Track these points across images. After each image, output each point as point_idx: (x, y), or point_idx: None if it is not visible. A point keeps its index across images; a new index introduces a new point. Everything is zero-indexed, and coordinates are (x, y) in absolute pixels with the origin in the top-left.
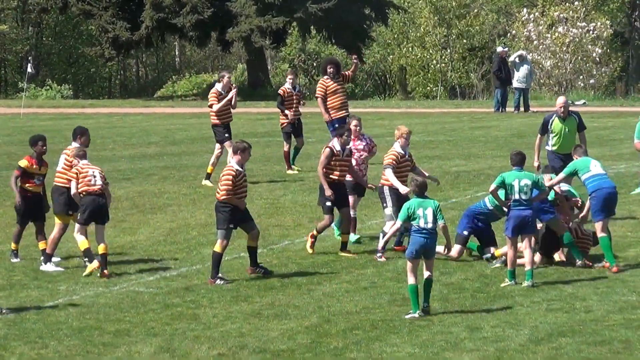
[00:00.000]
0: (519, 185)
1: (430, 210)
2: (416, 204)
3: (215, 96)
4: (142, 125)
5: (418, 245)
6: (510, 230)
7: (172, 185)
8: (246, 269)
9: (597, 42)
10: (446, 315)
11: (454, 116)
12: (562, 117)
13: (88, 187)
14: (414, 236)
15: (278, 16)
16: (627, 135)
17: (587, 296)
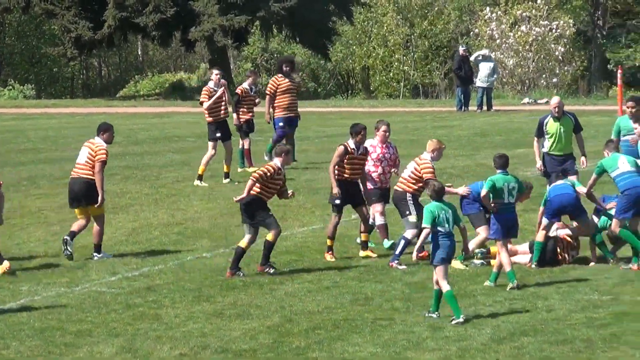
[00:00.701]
0: (507, 188)
1: (450, 213)
2: (439, 208)
3: (206, 93)
4: None
5: (448, 249)
6: (500, 233)
7: (134, 185)
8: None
9: (560, 40)
10: (408, 314)
11: (416, 115)
12: (557, 117)
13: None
14: (442, 241)
15: (240, 15)
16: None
17: (549, 295)
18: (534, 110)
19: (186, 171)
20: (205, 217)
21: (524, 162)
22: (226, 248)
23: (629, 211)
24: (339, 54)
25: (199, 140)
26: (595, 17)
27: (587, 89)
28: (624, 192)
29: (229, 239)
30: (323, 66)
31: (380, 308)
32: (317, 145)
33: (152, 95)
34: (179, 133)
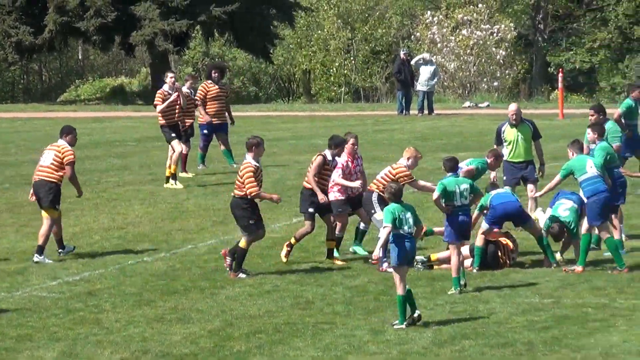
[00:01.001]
0: (459, 190)
1: (410, 215)
2: (398, 209)
3: (160, 97)
4: (45, 129)
5: (407, 251)
6: (454, 236)
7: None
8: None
9: (501, 44)
10: (349, 318)
11: (357, 119)
12: (514, 124)
13: None
14: (400, 242)
15: (181, 20)
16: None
17: (490, 299)
18: (475, 114)
19: (127, 175)
20: (146, 221)
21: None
22: (167, 252)
23: (601, 217)
24: (280, 58)
25: (139, 145)
26: (536, 21)
27: (528, 93)
28: (590, 197)
29: (170, 243)
30: (264, 70)
31: (321, 312)
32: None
33: (93, 100)
34: (119, 137)
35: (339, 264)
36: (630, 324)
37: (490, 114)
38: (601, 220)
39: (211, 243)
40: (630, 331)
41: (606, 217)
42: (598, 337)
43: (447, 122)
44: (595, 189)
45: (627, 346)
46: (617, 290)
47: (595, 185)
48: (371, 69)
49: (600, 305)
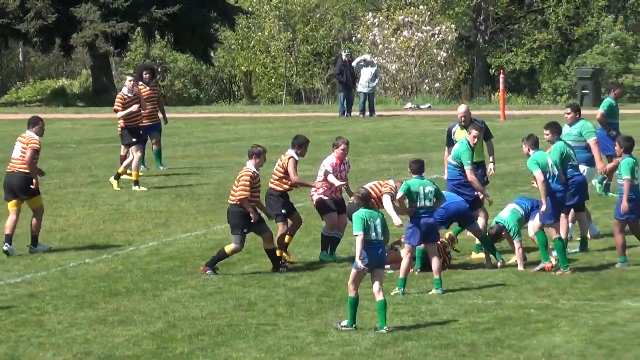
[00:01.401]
0: (423, 192)
1: (379, 221)
2: (367, 215)
3: (120, 101)
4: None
5: (371, 257)
6: (415, 238)
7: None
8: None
9: (442, 45)
10: (292, 319)
11: (299, 121)
12: (464, 125)
13: None
14: (368, 249)
15: (122, 21)
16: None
17: (432, 300)
18: (416, 115)
19: (68, 177)
20: (88, 223)
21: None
22: (109, 254)
23: (555, 216)
24: (221, 59)
25: (80, 147)
26: (477, 23)
27: (470, 94)
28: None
29: (111, 245)
30: (205, 72)
31: (264, 313)
32: (200, 151)
33: (34, 102)
34: (60, 139)
35: (288, 259)
36: (572, 324)
37: (432, 116)
38: (553, 220)
39: (153, 245)
40: (573, 332)
41: (558, 217)
42: (541, 338)
43: (389, 124)
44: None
45: (570, 347)
46: (560, 292)
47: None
48: (312, 71)
49: (542, 306)
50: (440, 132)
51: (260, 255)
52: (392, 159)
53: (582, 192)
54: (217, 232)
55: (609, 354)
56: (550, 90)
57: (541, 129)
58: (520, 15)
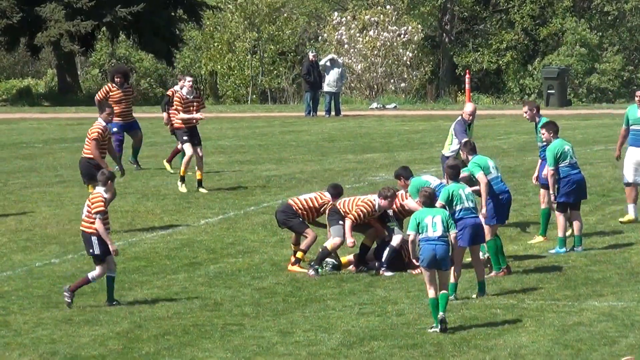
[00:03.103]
0: (464, 194)
1: (439, 218)
2: (424, 214)
3: (179, 102)
4: None
5: (428, 255)
6: (465, 240)
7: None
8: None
9: (408, 45)
10: (258, 319)
11: (264, 120)
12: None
13: None
14: (424, 246)
15: (87, 20)
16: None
17: (398, 300)
18: (382, 115)
19: (34, 177)
20: (54, 223)
21: (372, 168)
22: (75, 254)
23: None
24: (187, 59)
25: (46, 146)
26: (443, 23)
27: (436, 94)
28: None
29: (77, 245)
30: (171, 72)
31: (230, 313)
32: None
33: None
34: (26, 139)
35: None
36: (538, 324)
37: (398, 116)
38: (496, 221)
39: (119, 245)
40: (539, 332)
41: (502, 218)
42: (507, 338)
43: (355, 124)
44: (498, 189)
45: (536, 347)
46: (526, 292)
47: (498, 186)
48: (278, 70)
49: (508, 306)
50: (406, 131)
51: (225, 256)
52: (358, 158)
53: (578, 191)
54: (182, 231)
55: (575, 354)
56: (516, 90)
57: (507, 128)
58: (486, 15)
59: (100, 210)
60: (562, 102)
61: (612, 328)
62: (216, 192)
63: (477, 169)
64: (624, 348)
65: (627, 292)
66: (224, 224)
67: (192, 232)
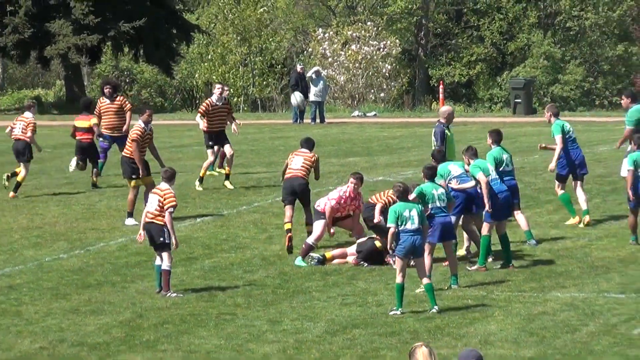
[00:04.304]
0: (436, 194)
1: (415, 212)
2: (402, 207)
3: (205, 107)
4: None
5: (408, 245)
6: (435, 237)
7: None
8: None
9: (387, 59)
10: (249, 309)
11: (255, 127)
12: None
13: None
14: (404, 237)
15: (92, 35)
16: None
17: (378, 291)
18: (363, 122)
19: (44, 179)
20: (62, 221)
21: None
22: (81, 249)
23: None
24: (184, 71)
25: (55, 151)
26: (419, 38)
27: (412, 103)
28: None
29: (83, 241)
30: (169, 83)
31: (223, 304)
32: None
33: (12, 110)
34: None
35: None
36: (506, 314)
37: (377, 123)
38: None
39: (122, 241)
40: (506, 320)
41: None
42: (477, 326)
43: (338, 130)
44: (497, 189)
45: (504, 334)
46: (495, 284)
47: (496, 187)
48: (267, 81)
49: (479, 297)
50: (385, 137)
51: (219, 251)
52: (341, 162)
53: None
54: (179, 229)
55: (539, 341)
56: (486, 99)
57: (477, 135)
58: (458, 31)
59: (173, 205)
60: (528, 111)
61: (574, 317)
62: (211, 193)
63: (477, 170)
64: (584, 335)
65: (588, 284)
66: (218, 222)
67: (189, 230)
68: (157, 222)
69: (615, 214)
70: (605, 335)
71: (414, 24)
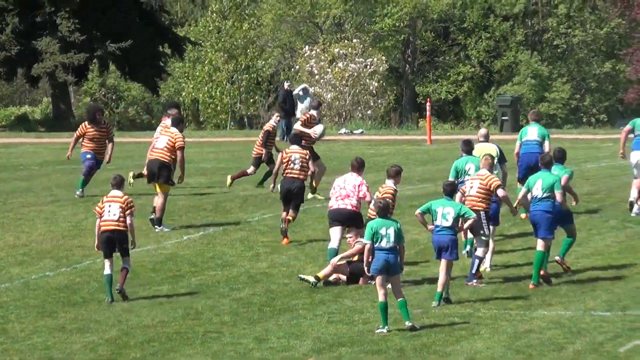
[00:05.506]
0: (442, 212)
1: (392, 230)
2: (379, 224)
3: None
4: None
5: (380, 263)
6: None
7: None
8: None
9: (374, 76)
10: (236, 327)
11: (243, 145)
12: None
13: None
14: (377, 254)
15: (80, 53)
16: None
17: (364, 309)
18: (350, 140)
19: (30, 197)
20: (49, 239)
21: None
22: (68, 267)
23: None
24: (171, 89)
25: (42, 169)
26: (406, 55)
27: (399, 121)
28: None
29: (70, 259)
30: (156, 100)
31: (210, 322)
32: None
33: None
34: (23, 162)
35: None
36: (492, 332)
37: (364, 140)
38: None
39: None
40: (493, 338)
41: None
42: (463, 344)
43: (325, 147)
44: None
45: (490, 352)
46: (481, 302)
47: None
48: (254, 98)
49: (465, 315)
50: (372, 155)
51: (206, 269)
52: (329, 179)
53: None
54: (166, 247)
55: (526, 359)
56: (474, 116)
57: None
58: (445, 48)
59: (134, 209)
60: (515, 128)
61: (560, 335)
62: (197, 211)
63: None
64: (571, 354)
65: (574, 302)
66: (204, 239)
67: (176, 247)
68: (120, 229)
69: (602, 231)
70: (592, 353)
71: (401, 42)
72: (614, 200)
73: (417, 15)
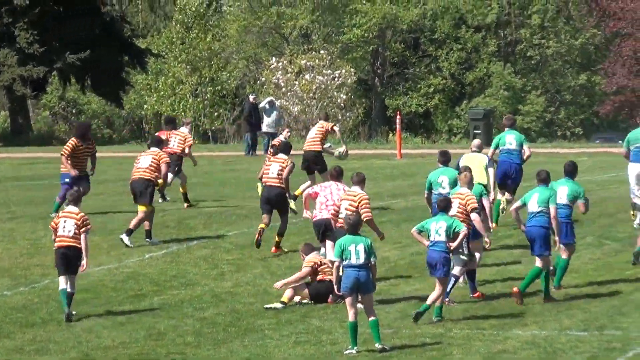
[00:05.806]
0: (435, 227)
1: (362, 247)
2: (348, 241)
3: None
4: None
5: (350, 281)
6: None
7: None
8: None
9: (342, 88)
10: (199, 348)
11: (206, 159)
12: None
13: None
14: (347, 272)
15: (39, 66)
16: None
17: (332, 329)
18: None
19: None
20: (6, 257)
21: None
22: (26, 286)
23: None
24: (133, 102)
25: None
26: (375, 67)
27: (368, 134)
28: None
29: (28, 278)
30: (117, 113)
31: (173, 343)
32: (112, 189)
33: None
34: None
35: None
36: (465, 352)
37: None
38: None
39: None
40: (465, 359)
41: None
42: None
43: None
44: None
45: None
46: (453, 322)
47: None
48: (218, 112)
49: (437, 335)
50: None
51: (169, 288)
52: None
53: None
54: (128, 265)
55: None
56: (445, 130)
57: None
58: (415, 60)
59: (90, 227)
60: (488, 142)
61: (535, 355)
62: (160, 228)
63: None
64: None
65: (549, 322)
66: (167, 257)
67: (137, 266)
68: (75, 245)
69: (578, 248)
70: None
71: (370, 53)
72: (590, 216)
73: (386, 26)
